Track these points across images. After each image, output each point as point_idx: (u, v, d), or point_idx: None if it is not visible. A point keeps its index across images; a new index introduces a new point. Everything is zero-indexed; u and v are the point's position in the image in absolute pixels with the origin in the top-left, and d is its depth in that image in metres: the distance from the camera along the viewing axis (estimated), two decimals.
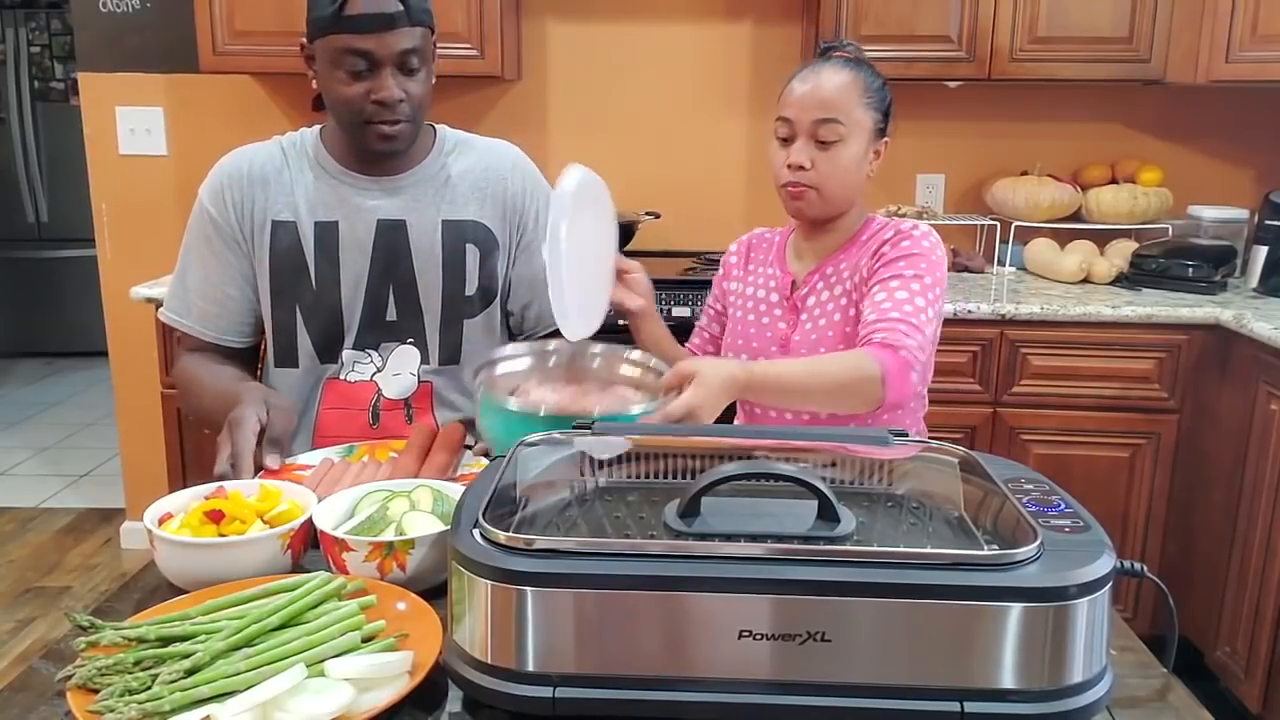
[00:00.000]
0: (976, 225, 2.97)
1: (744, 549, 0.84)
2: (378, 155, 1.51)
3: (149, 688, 0.84)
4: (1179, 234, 2.85)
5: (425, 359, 1.57)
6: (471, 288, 1.57)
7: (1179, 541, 2.56)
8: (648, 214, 2.92)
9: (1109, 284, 2.75)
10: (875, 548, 0.86)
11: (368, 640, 0.92)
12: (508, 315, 1.67)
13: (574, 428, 1.12)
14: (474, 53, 2.68)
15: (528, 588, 0.82)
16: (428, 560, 1.05)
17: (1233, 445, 2.39)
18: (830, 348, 1.50)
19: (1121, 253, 2.81)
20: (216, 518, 1.11)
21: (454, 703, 0.90)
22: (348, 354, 1.55)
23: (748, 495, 0.94)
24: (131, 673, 0.86)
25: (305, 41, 1.47)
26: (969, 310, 2.47)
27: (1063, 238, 2.93)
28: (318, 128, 1.58)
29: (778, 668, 0.81)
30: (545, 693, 0.82)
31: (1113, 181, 2.94)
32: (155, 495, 1.20)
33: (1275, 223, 2.66)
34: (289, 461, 1.37)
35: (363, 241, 1.53)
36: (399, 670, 0.88)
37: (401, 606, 0.99)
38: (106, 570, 3.22)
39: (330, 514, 1.14)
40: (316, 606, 0.95)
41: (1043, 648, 0.81)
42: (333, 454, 1.42)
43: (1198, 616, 2.50)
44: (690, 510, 0.89)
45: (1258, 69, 2.57)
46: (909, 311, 1.40)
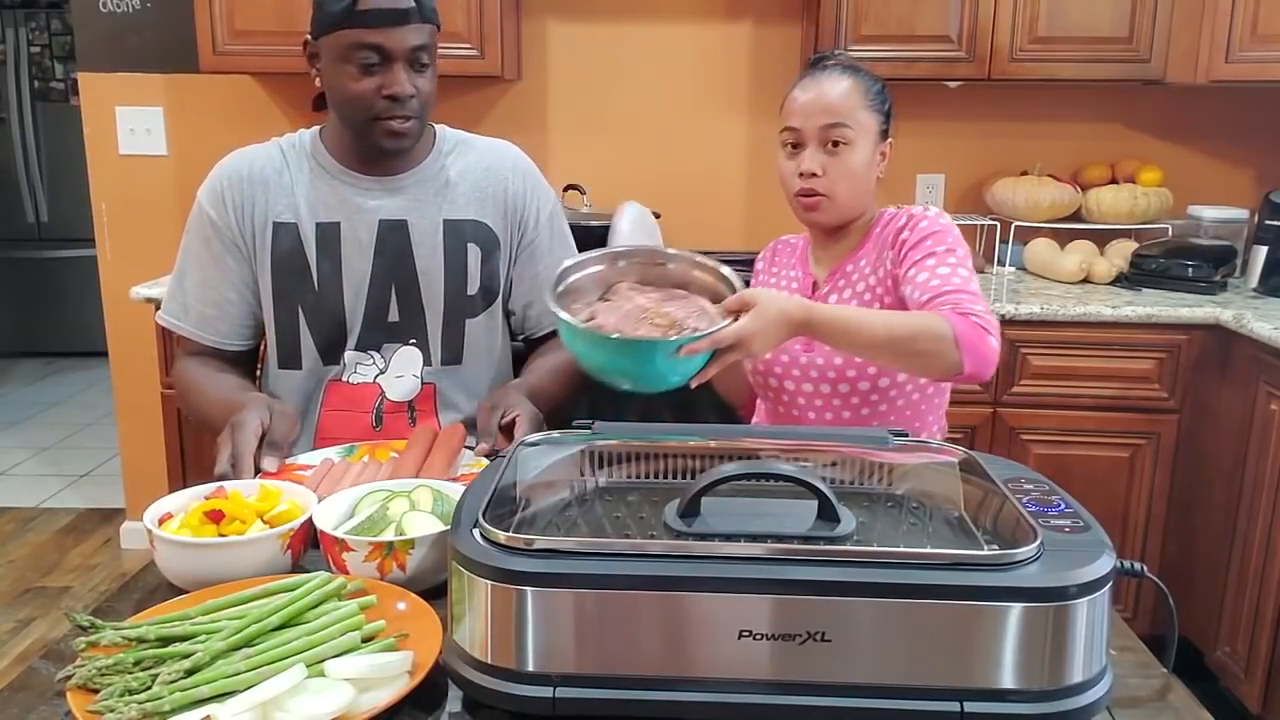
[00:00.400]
0: (976, 225, 2.96)
1: (744, 549, 0.84)
2: (384, 153, 1.50)
3: (149, 688, 0.84)
4: (1179, 234, 2.84)
5: (427, 360, 1.57)
6: (473, 287, 1.57)
7: (1179, 541, 2.55)
8: None
9: (1109, 284, 2.75)
10: (875, 548, 0.86)
11: (368, 640, 0.92)
12: (509, 315, 1.68)
13: (573, 427, 1.12)
14: (474, 53, 2.68)
15: (528, 588, 0.82)
16: (428, 560, 1.05)
17: (1233, 445, 2.39)
18: None
19: (1121, 253, 2.80)
20: (216, 518, 1.11)
21: (454, 703, 0.90)
22: (350, 355, 1.55)
23: (748, 495, 0.95)
24: (131, 673, 0.86)
25: (310, 38, 1.47)
26: None
27: (1063, 238, 2.92)
28: (317, 129, 1.58)
29: (778, 668, 0.82)
30: (545, 693, 0.82)
31: (1113, 181, 2.93)
32: (155, 495, 1.20)
33: (1275, 223, 2.66)
34: (289, 462, 1.37)
35: (364, 242, 1.52)
36: (399, 670, 0.88)
37: (401, 606, 0.99)
38: (106, 570, 3.22)
39: (330, 514, 1.14)
40: (316, 606, 0.95)
41: (1043, 648, 0.81)
42: (333, 454, 1.41)
43: (1198, 616, 2.50)
44: (690, 510, 0.89)
45: (1258, 69, 2.57)
46: (959, 283, 1.39)
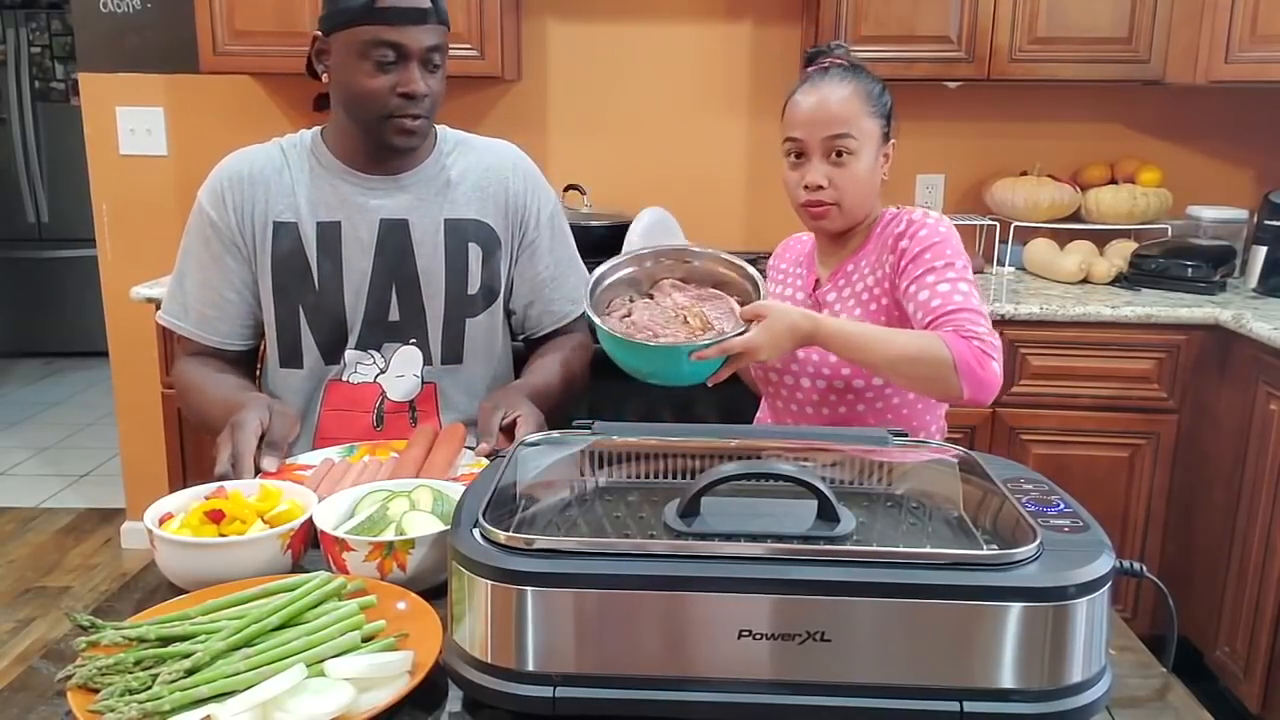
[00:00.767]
0: (976, 225, 2.96)
1: (744, 549, 0.84)
2: (393, 151, 1.50)
3: (149, 687, 0.84)
4: (1178, 234, 2.84)
5: (428, 359, 1.57)
6: (474, 287, 1.57)
7: (1179, 541, 2.55)
8: None
9: (1108, 284, 2.75)
10: (875, 548, 0.86)
11: (368, 640, 0.92)
12: (509, 315, 1.68)
13: (573, 427, 1.12)
14: (474, 53, 2.68)
15: (528, 588, 0.82)
16: (428, 560, 1.05)
17: (1232, 445, 2.39)
18: None
19: (1121, 253, 2.80)
20: (217, 518, 1.11)
21: (454, 703, 0.90)
22: (350, 354, 1.55)
23: (747, 495, 0.95)
24: (131, 672, 0.86)
25: (320, 34, 1.47)
26: None
27: (1062, 238, 2.92)
28: (318, 128, 1.58)
29: (778, 667, 0.82)
30: (545, 693, 0.82)
31: (1112, 182, 2.93)
32: (155, 495, 1.20)
33: (1274, 223, 2.65)
34: (289, 462, 1.37)
35: (365, 241, 1.52)
36: (399, 670, 0.88)
37: (401, 606, 0.99)
38: (106, 570, 3.22)
39: (330, 514, 1.14)
40: (316, 606, 0.95)
41: (1042, 647, 0.81)
42: (333, 454, 1.41)
43: (1197, 616, 2.50)
44: (690, 510, 0.89)
45: (1257, 69, 2.57)
46: (960, 301, 1.40)
